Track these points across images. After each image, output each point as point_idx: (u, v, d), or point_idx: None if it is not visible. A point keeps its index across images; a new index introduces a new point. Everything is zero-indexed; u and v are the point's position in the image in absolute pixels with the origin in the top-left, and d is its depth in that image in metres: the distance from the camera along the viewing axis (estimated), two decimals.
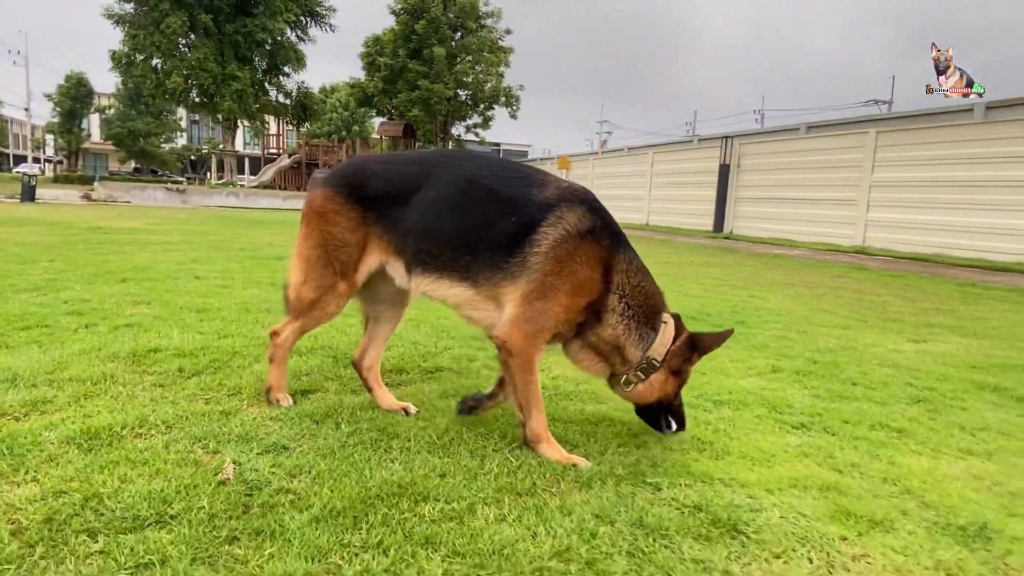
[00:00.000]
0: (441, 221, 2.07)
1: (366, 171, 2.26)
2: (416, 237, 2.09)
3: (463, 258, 2.04)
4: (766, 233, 16.04)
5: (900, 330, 4.58)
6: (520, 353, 1.95)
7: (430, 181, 2.11)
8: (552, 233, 1.94)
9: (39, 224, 9.80)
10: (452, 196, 2.09)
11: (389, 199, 2.15)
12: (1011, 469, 2.11)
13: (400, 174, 2.22)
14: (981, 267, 10.10)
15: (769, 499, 1.77)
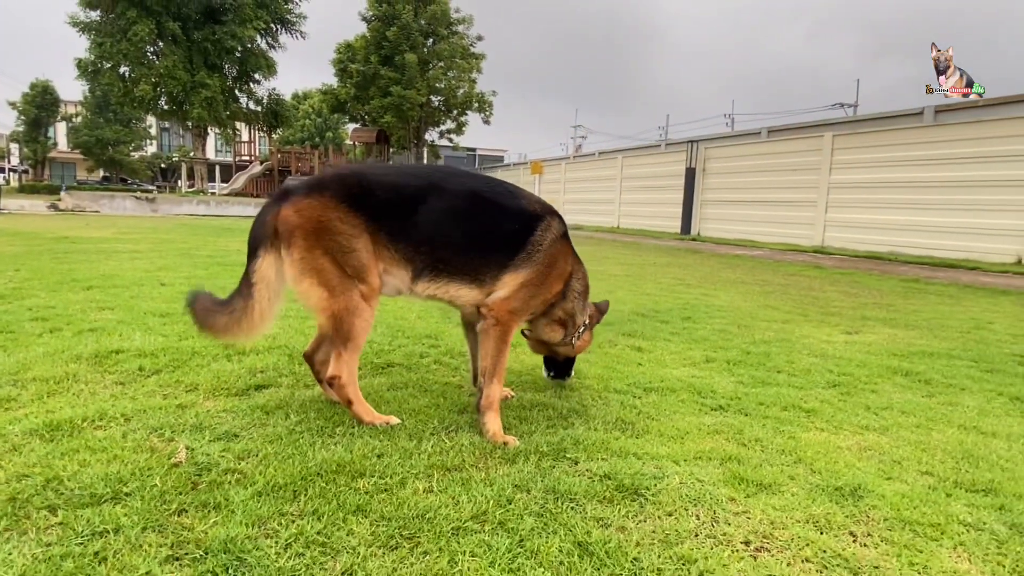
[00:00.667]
0: (456, 231, 2.28)
1: (367, 181, 2.26)
2: (431, 246, 2.24)
3: (474, 261, 2.29)
4: (731, 235, 16.47)
5: (836, 323, 4.86)
6: (503, 323, 2.29)
7: (435, 194, 2.26)
8: (547, 236, 2.36)
9: (3, 235, 9.73)
10: (464, 208, 2.31)
11: (394, 210, 2.22)
12: (900, 441, 2.35)
13: (405, 186, 2.27)
14: (931, 264, 10.55)
15: (674, 468, 1.98)
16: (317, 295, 2.15)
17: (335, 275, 2.15)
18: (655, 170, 19.99)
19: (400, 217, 2.21)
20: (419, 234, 2.22)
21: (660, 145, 21.52)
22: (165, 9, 22.49)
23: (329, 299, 2.16)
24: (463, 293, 2.31)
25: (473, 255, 2.29)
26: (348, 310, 2.16)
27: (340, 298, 2.15)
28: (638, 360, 3.38)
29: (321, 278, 2.14)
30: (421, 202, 2.23)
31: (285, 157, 32.26)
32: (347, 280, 2.16)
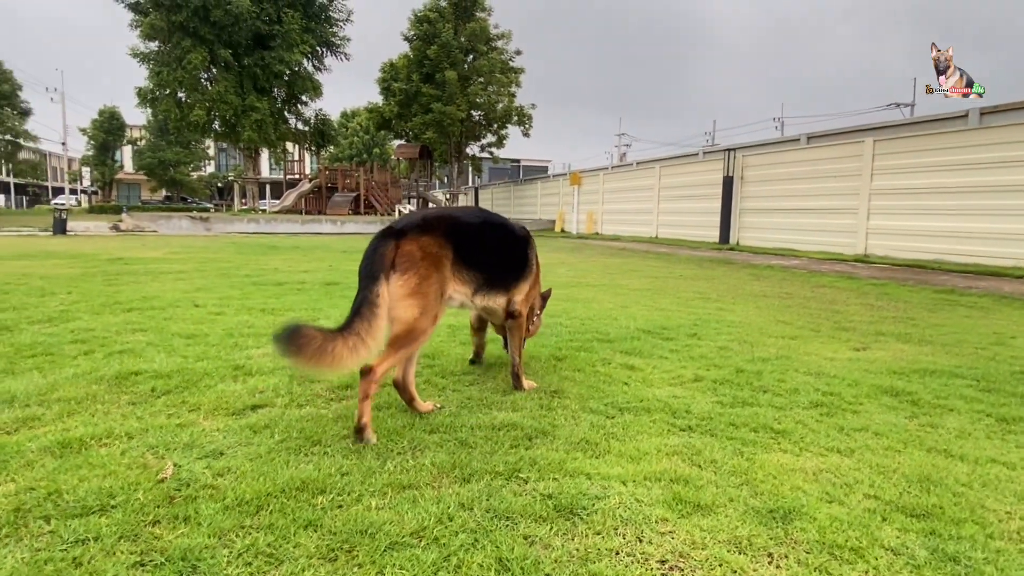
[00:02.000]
0: (497, 260, 3.04)
1: (456, 222, 2.84)
2: (486, 272, 2.93)
3: (506, 279, 3.11)
4: (770, 243, 16.18)
5: (847, 339, 4.81)
6: (520, 316, 3.22)
7: (486, 228, 3.01)
8: (532, 253, 3.31)
9: (64, 257, 10.47)
10: (498, 241, 3.06)
11: (470, 244, 2.84)
12: (860, 464, 2.38)
13: (471, 226, 2.92)
14: (976, 272, 10.15)
15: (618, 489, 2.08)
16: (412, 312, 2.58)
17: (432, 300, 2.64)
18: (693, 179, 19.81)
19: (466, 252, 2.80)
20: (476, 263, 2.86)
21: (698, 153, 21.31)
22: (217, 38, 23.69)
23: (419, 318, 2.60)
24: (500, 301, 3.11)
25: (506, 275, 3.11)
26: (424, 330, 2.64)
27: (425, 318, 2.62)
28: (626, 379, 3.47)
29: (422, 301, 2.60)
30: (474, 239, 2.89)
31: (332, 174, 33.30)
32: (437, 304, 2.67)
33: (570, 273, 9.57)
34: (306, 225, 22.89)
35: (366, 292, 2.50)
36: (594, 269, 10.33)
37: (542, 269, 3.61)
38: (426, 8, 31.07)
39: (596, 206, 25.91)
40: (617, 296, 6.99)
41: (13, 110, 40.11)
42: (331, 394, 3.05)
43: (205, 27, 23.11)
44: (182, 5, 22.37)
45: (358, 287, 2.57)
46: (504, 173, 54.01)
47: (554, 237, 23.54)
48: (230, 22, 23.19)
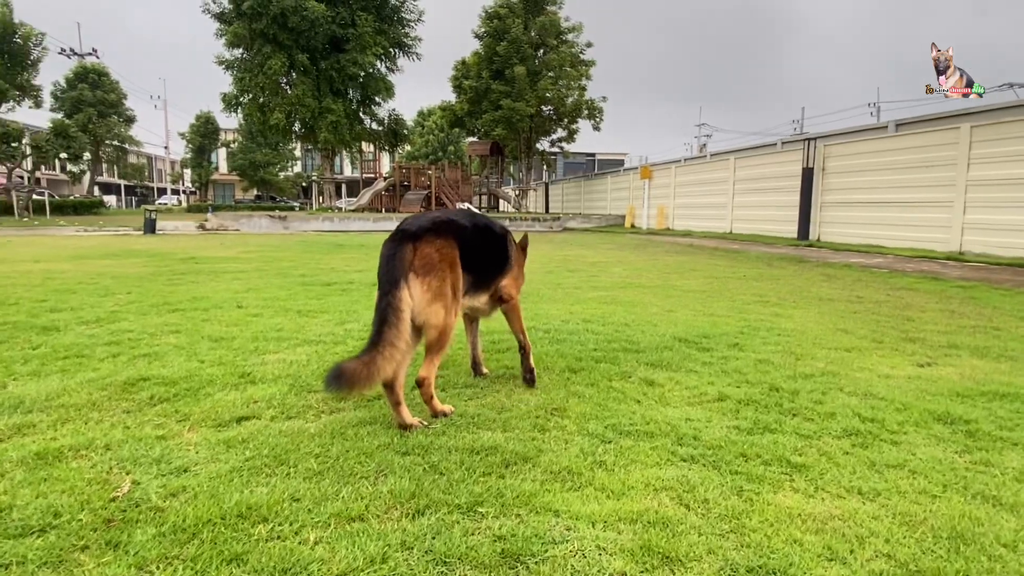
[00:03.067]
0: (485, 259, 3.09)
1: (460, 226, 2.95)
2: (477, 271, 3.00)
3: (488, 278, 3.12)
4: (854, 239, 15.08)
5: (913, 352, 4.31)
6: (512, 298, 3.31)
7: (474, 232, 3.03)
8: (512, 248, 3.35)
9: (143, 256, 11.12)
10: (484, 242, 3.10)
11: (470, 248, 2.93)
12: (883, 512, 2.05)
13: (466, 228, 2.99)
14: None
15: (583, 533, 1.86)
16: (440, 316, 2.71)
17: (451, 300, 2.77)
18: (770, 170, 18.77)
19: (469, 252, 2.91)
20: (470, 264, 2.92)
21: (776, 144, 20.17)
22: (295, 43, 24.62)
23: (446, 318, 2.74)
24: (483, 299, 3.19)
25: (491, 273, 3.16)
26: (451, 326, 2.78)
27: (451, 317, 2.77)
28: (640, 396, 3.20)
29: (445, 301, 2.73)
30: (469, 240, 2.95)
31: (405, 173, 33.99)
32: (455, 302, 2.80)
33: (623, 273, 9.22)
34: (377, 223, 23.44)
35: (390, 298, 2.59)
36: (651, 268, 9.92)
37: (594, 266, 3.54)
38: (496, 5, 31.08)
39: (667, 200, 25.09)
40: (666, 299, 6.63)
41: (119, 117, 43.45)
42: (324, 406, 2.98)
43: (284, 33, 24.08)
44: (262, 13, 23.40)
45: (379, 291, 2.65)
46: (579, 168, 53.33)
47: (621, 233, 22.99)
48: (307, 27, 24.05)
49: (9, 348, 4.01)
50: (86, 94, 41.65)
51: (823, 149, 16.29)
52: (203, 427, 2.67)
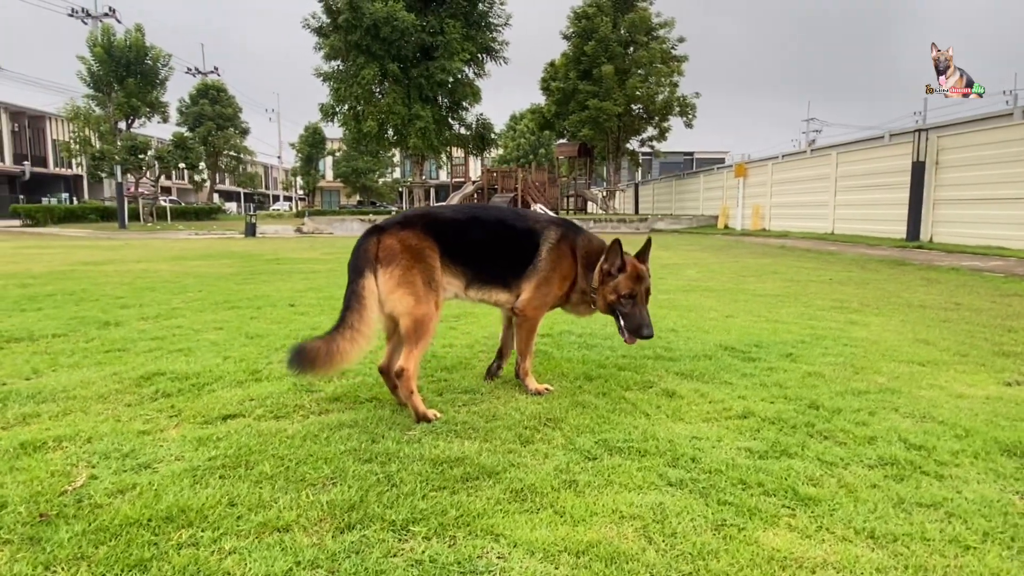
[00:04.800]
0: (489, 254, 3.01)
1: (436, 218, 2.97)
2: (474, 266, 2.98)
3: (505, 275, 3.02)
4: (972, 240, 13.52)
5: (1003, 368, 3.69)
6: (522, 314, 3.06)
7: (474, 226, 3.03)
8: (547, 251, 3.04)
9: (234, 257, 11.83)
10: (493, 237, 3.02)
11: (453, 239, 2.93)
12: (895, 562, 1.68)
13: (457, 222, 3.03)
14: None
15: (515, 563, 1.65)
16: (407, 302, 2.73)
17: (422, 287, 2.76)
18: (876, 165, 17.23)
19: (454, 245, 2.91)
20: (466, 258, 2.95)
21: (883, 136, 18.50)
22: (387, 53, 25.49)
23: (415, 306, 2.73)
24: (499, 296, 3.07)
25: (504, 270, 3.03)
26: (427, 315, 2.75)
27: (422, 305, 2.74)
28: (650, 410, 2.90)
29: (412, 289, 2.74)
30: (467, 234, 2.97)
31: (494, 176, 34.35)
32: (429, 292, 2.77)
33: (695, 275, 8.70)
34: None
35: (353, 286, 2.69)
36: (727, 271, 9.31)
37: (665, 268, 3.14)
38: (585, 4, 30.73)
39: (763, 199, 23.71)
40: (731, 303, 6.15)
41: (235, 129, 46.94)
42: (315, 406, 2.92)
43: (376, 44, 24.99)
44: (356, 25, 24.40)
45: (348, 281, 2.73)
46: (676, 168, 51.72)
47: (711, 234, 21.97)
48: (397, 37, 24.81)
49: (66, 340, 4.29)
50: (206, 109, 45.34)
51: (936, 141, 14.73)
52: (189, 423, 2.68)
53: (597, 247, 3.15)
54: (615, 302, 3.00)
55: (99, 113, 35.24)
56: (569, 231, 3.17)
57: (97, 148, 32.67)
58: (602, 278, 3.04)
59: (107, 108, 34.90)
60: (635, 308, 2.98)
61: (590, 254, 3.13)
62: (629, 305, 2.98)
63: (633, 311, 2.98)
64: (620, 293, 2.97)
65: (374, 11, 24.06)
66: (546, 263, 3.05)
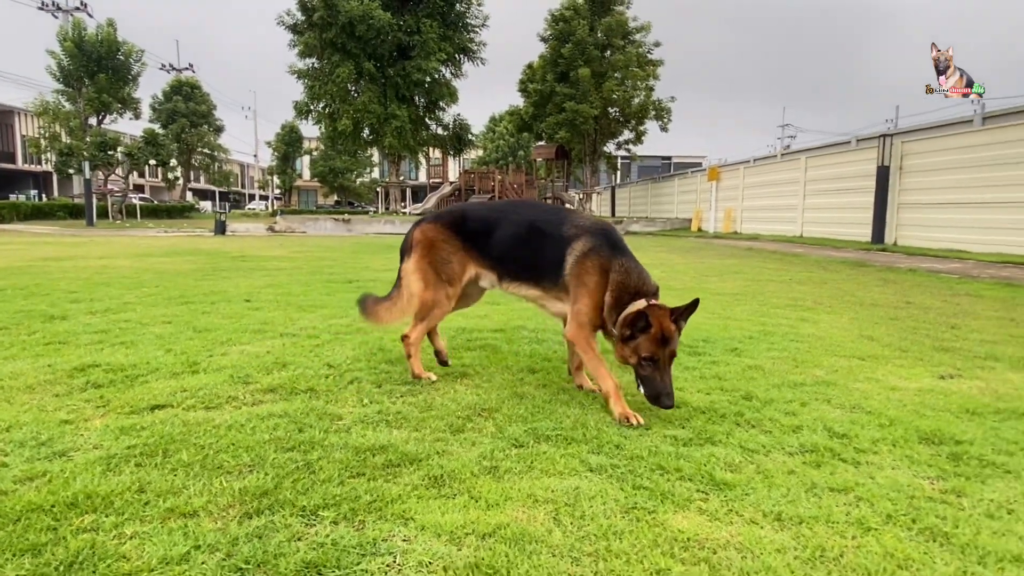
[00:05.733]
0: (518, 253, 3.06)
1: (466, 215, 3.21)
2: (504, 263, 3.11)
3: (533, 272, 3.03)
4: (935, 243, 13.84)
5: (940, 362, 3.78)
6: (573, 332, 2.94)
7: (504, 223, 3.10)
8: (568, 258, 2.89)
9: (200, 254, 11.65)
10: (522, 236, 3.05)
11: (480, 234, 3.11)
12: (793, 542, 1.71)
13: (485, 218, 3.17)
14: None
15: (419, 545, 1.65)
16: (417, 286, 3.13)
17: (433, 276, 3.11)
18: (843, 170, 17.56)
19: (483, 239, 3.11)
20: (495, 253, 3.11)
21: (851, 141, 18.86)
22: (363, 51, 25.37)
23: (423, 290, 3.12)
24: (530, 291, 3.08)
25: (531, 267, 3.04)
26: (435, 302, 3.13)
27: (431, 293, 3.11)
28: (586, 401, 2.93)
29: (423, 276, 3.12)
30: (495, 230, 3.09)
31: (471, 177, 34.33)
32: (440, 283, 3.12)
33: (660, 275, 8.72)
34: None
35: (399, 267, 3.27)
36: (691, 271, 9.41)
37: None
38: (562, 7, 30.90)
39: (735, 203, 24.02)
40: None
41: (209, 127, 46.31)
42: (249, 397, 2.88)
43: (352, 42, 24.85)
44: (331, 23, 24.25)
45: None
46: (654, 171, 52.16)
47: (683, 237, 22.19)
48: (373, 36, 24.71)
49: (7, 334, 4.18)
50: (180, 106, 44.70)
51: (900, 146, 15.06)
52: (116, 413, 2.63)
53: (634, 283, 2.79)
54: (635, 364, 2.69)
55: (69, 108, 34.58)
56: (604, 246, 2.86)
57: (65, 144, 32.00)
58: (621, 334, 2.72)
59: (77, 103, 34.25)
60: (655, 372, 2.62)
61: (622, 287, 2.78)
62: (649, 368, 2.63)
63: (653, 375, 2.63)
64: (640, 355, 2.64)
65: (350, 9, 23.93)
66: (584, 276, 2.83)
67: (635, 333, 2.65)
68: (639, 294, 2.77)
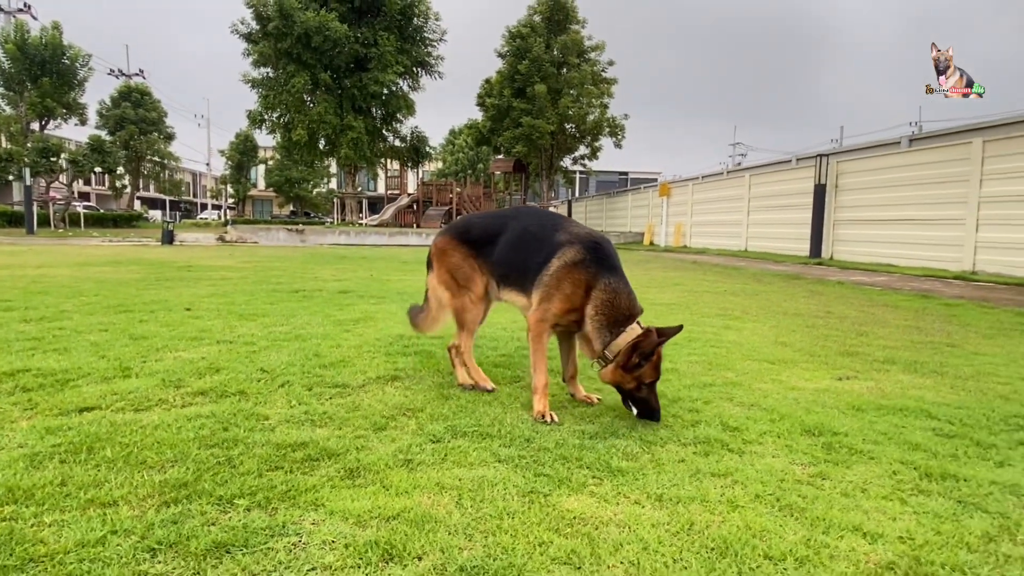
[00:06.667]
0: (510, 255, 3.13)
1: (470, 224, 3.43)
2: (499, 266, 3.18)
3: (520, 278, 3.07)
4: (867, 258, 14.60)
5: (842, 366, 4.10)
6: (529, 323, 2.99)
7: (505, 230, 3.19)
8: (554, 261, 2.90)
9: (144, 264, 11.43)
10: (515, 241, 3.12)
11: (483, 242, 3.23)
12: (668, 518, 1.91)
13: (487, 226, 3.31)
14: None
15: (325, 527, 1.79)
16: (445, 296, 3.30)
17: (453, 284, 3.26)
18: (784, 187, 18.37)
19: (485, 247, 3.22)
20: (494, 259, 3.19)
21: (791, 160, 19.73)
22: (319, 62, 25.31)
23: (451, 299, 3.28)
24: (518, 299, 3.14)
25: (520, 273, 3.07)
26: (463, 307, 3.25)
27: (457, 298, 3.26)
28: (507, 401, 3.10)
29: (446, 284, 3.28)
30: (498, 236, 3.19)
31: (428, 189, 34.39)
32: (461, 288, 3.25)
33: None
34: (392, 237, 23.70)
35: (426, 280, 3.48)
36: (635, 283, 9.64)
37: None
38: (520, 24, 31.45)
39: (685, 218, 24.76)
40: None
41: (159, 134, 45.18)
42: (180, 400, 2.96)
43: (307, 53, 24.79)
44: (287, 33, 24.15)
45: None
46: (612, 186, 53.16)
47: (634, 250, 22.74)
48: (329, 47, 24.69)
49: None
50: (129, 112, 43.53)
51: (836, 166, 15.87)
52: (44, 415, 2.68)
53: (624, 306, 2.86)
54: (634, 388, 2.78)
55: (9, 113, 33.30)
56: (592, 260, 2.87)
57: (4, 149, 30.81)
58: (626, 361, 2.76)
59: (19, 108, 33.03)
60: (651, 394, 2.79)
61: (611, 308, 2.83)
62: (646, 391, 2.78)
63: (649, 396, 2.78)
64: (643, 382, 2.76)
65: (305, 20, 23.88)
66: (551, 276, 2.87)
67: (638, 361, 2.72)
68: (631, 317, 2.85)
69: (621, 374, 2.77)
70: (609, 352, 2.81)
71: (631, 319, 2.84)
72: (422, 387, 3.31)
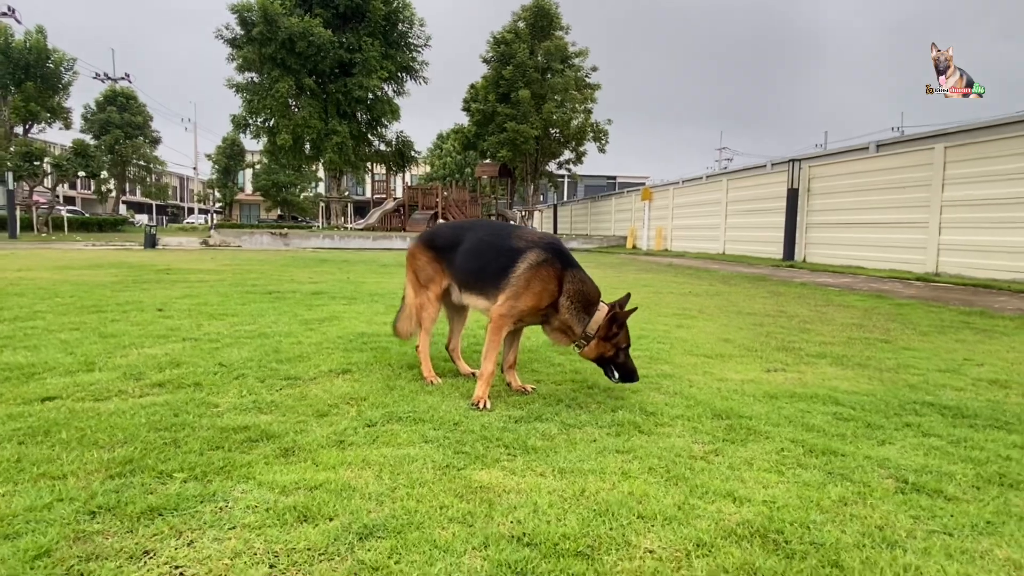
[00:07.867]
0: (469, 263, 3.43)
1: (437, 233, 3.72)
2: (459, 272, 3.47)
3: (480, 283, 3.36)
4: (837, 260, 14.95)
5: (775, 360, 4.35)
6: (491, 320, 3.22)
7: (463, 240, 3.47)
8: (525, 266, 3.18)
9: (122, 267, 11.55)
10: (472, 250, 3.43)
11: (446, 248, 3.54)
12: (563, 486, 2.14)
13: (449, 236, 3.60)
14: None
15: (253, 496, 2.00)
16: (409, 294, 3.71)
17: (416, 284, 3.65)
18: (760, 192, 18.72)
19: (448, 253, 3.52)
20: (455, 264, 3.48)
21: (766, 165, 20.12)
22: (303, 67, 25.48)
23: (413, 297, 3.66)
24: (478, 302, 3.41)
25: (479, 279, 3.37)
26: (421, 305, 3.60)
27: (418, 297, 3.62)
28: (448, 391, 3.32)
29: (412, 284, 3.68)
30: (459, 244, 3.48)
31: (413, 194, 34.56)
32: (422, 288, 3.60)
33: None
34: (376, 241, 23.87)
35: None
36: (603, 284, 9.89)
37: None
38: (504, 30, 31.73)
39: (665, 222, 25.11)
40: None
41: (145, 139, 45.07)
42: (139, 391, 3.15)
43: (292, 58, 24.96)
44: (271, 39, 24.32)
45: None
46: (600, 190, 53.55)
47: (616, 253, 23.04)
48: (314, 52, 24.89)
49: None
50: (114, 116, 43.41)
51: (808, 170, 16.24)
52: (7, 404, 2.87)
53: (591, 291, 3.25)
54: (613, 355, 3.21)
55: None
56: (556, 258, 3.22)
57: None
58: (607, 332, 3.17)
59: (2, 112, 32.94)
60: (627, 359, 3.26)
61: (583, 295, 3.22)
62: (623, 355, 3.24)
63: (627, 360, 3.25)
64: (620, 346, 3.21)
65: (289, 26, 24.06)
66: (519, 278, 3.16)
67: (617, 330, 3.19)
68: (598, 300, 3.28)
69: (604, 345, 3.19)
70: (589, 330, 3.19)
71: (598, 301, 3.26)
72: (370, 379, 3.52)
